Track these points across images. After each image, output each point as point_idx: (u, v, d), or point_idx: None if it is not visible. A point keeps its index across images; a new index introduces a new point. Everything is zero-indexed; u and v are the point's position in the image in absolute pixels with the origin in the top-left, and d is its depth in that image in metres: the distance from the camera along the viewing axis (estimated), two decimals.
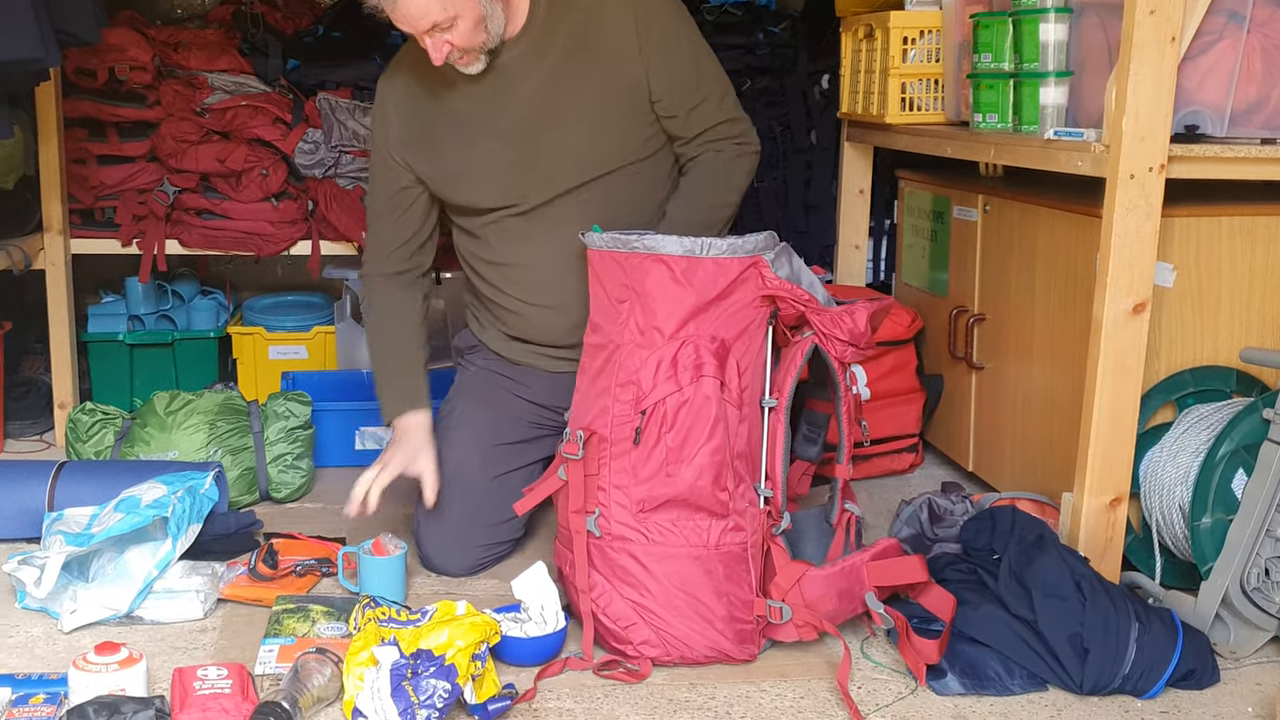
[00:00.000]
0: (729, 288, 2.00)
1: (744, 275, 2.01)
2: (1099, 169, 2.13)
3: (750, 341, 2.05)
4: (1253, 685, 2.03)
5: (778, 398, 2.06)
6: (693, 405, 1.98)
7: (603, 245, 2.07)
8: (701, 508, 2.01)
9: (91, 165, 3.23)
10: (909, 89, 2.90)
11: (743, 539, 2.03)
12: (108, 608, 2.14)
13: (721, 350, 2.00)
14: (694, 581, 2.02)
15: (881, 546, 2.10)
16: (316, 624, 2.09)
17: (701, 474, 1.99)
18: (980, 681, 1.97)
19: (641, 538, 2.02)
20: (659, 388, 1.98)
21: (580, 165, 2.30)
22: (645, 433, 1.99)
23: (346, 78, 3.38)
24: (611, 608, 2.04)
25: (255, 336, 3.45)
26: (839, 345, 2.08)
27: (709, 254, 1.99)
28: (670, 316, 2.00)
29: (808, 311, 2.05)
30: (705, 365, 1.98)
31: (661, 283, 2.00)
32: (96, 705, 1.71)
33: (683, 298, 2.00)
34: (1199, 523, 2.15)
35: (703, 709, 1.92)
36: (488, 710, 1.83)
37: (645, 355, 2.01)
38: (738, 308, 2.02)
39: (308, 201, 3.26)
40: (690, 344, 1.99)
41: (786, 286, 2.02)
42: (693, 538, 2.02)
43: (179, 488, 2.33)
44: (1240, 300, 2.31)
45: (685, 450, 1.99)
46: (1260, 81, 2.15)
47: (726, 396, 2.00)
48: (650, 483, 2.00)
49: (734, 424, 2.02)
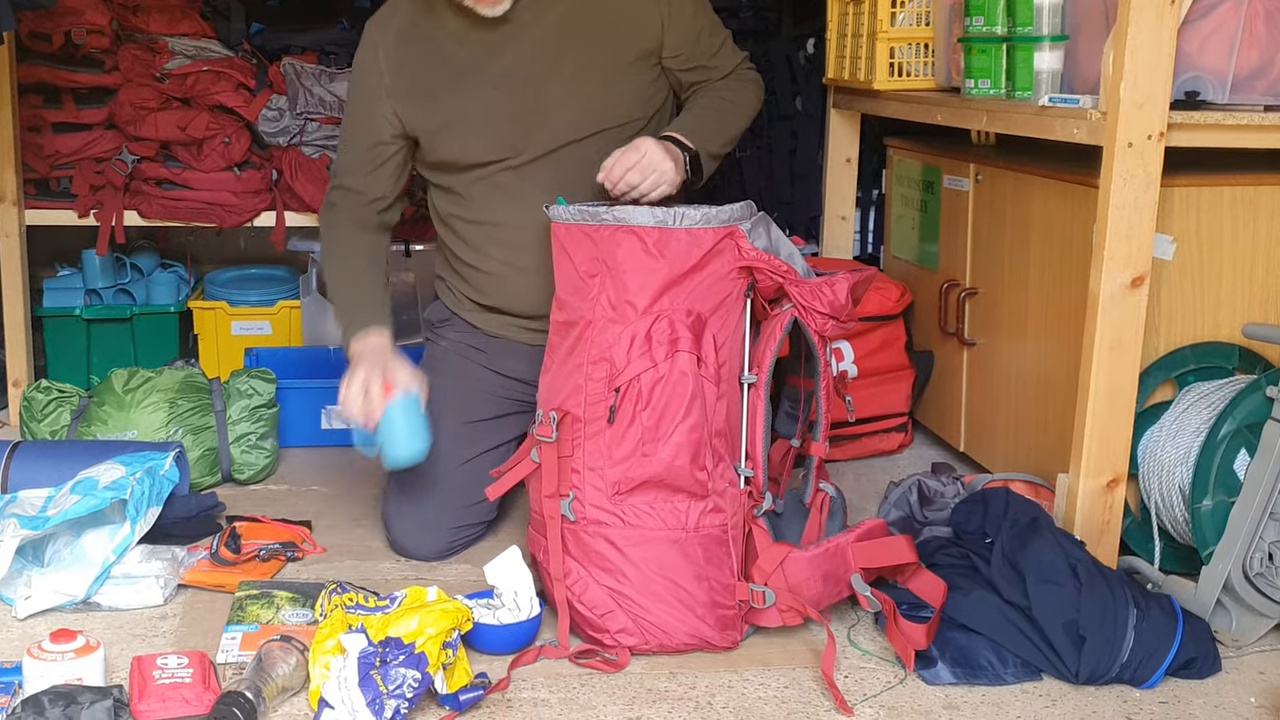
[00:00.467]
0: (704, 259, 1.98)
1: (719, 246, 1.98)
2: (1095, 137, 2.12)
3: (727, 315, 2.02)
4: (1255, 674, 2.02)
5: (757, 373, 2.05)
6: (668, 382, 1.95)
7: (569, 218, 2.04)
8: (680, 488, 1.98)
9: (46, 133, 3.21)
10: (898, 53, 2.89)
11: (723, 521, 2.01)
12: (64, 594, 2.12)
13: (697, 324, 1.98)
14: (673, 566, 1.99)
15: (867, 527, 2.08)
16: (281, 610, 2.08)
17: (679, 453, 1.96)
18: (972, 670, 1.96)
19: (618, 521, 1.99)
20: (633, 364, 1.96)
21: (580, 120, 2.29)
22: (620, 411, 1.96)
23: (312, 42, 3.38)
24: (587, 595, 2.01)
25: (217, 311, 3.42)
26: (819, 318, 2.06)
27: (682, 224, 1.97)
28: (643, 290, 1.97)
29: (786, 283, 2.03)
30: (681, 340, 1.96)
31: (633, 255, 1.97)
32: (52, 695, 1.70)
33: (656, 270, 1.97)
34: (1200, 505, 2.14)
35: (683, 699, 1.90)
36: (459, 700, 1.82)
37: (618, 331, 1.98)
38: (713, 280, 2.00)
39: (272, 171, 3.25)
40: (665, 318, 1.96)
41: (764, 257, 2.00)
42: (671, 520, 1.99)
43: (138, 469, 2.30)
44: (1242, 273, 2.30)
45: (662, 428, 1.96)
46: (1264, 46, 2.13)
47: (703, 372, 1.98)
48: (626, 463, 1.97)
49: (711, 401, 1.99)
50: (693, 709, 1.87)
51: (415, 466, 2.32)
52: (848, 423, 2.90)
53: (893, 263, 3.28)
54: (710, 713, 1.86)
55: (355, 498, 2.69)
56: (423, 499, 2.36)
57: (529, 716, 1.84)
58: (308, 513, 2.59)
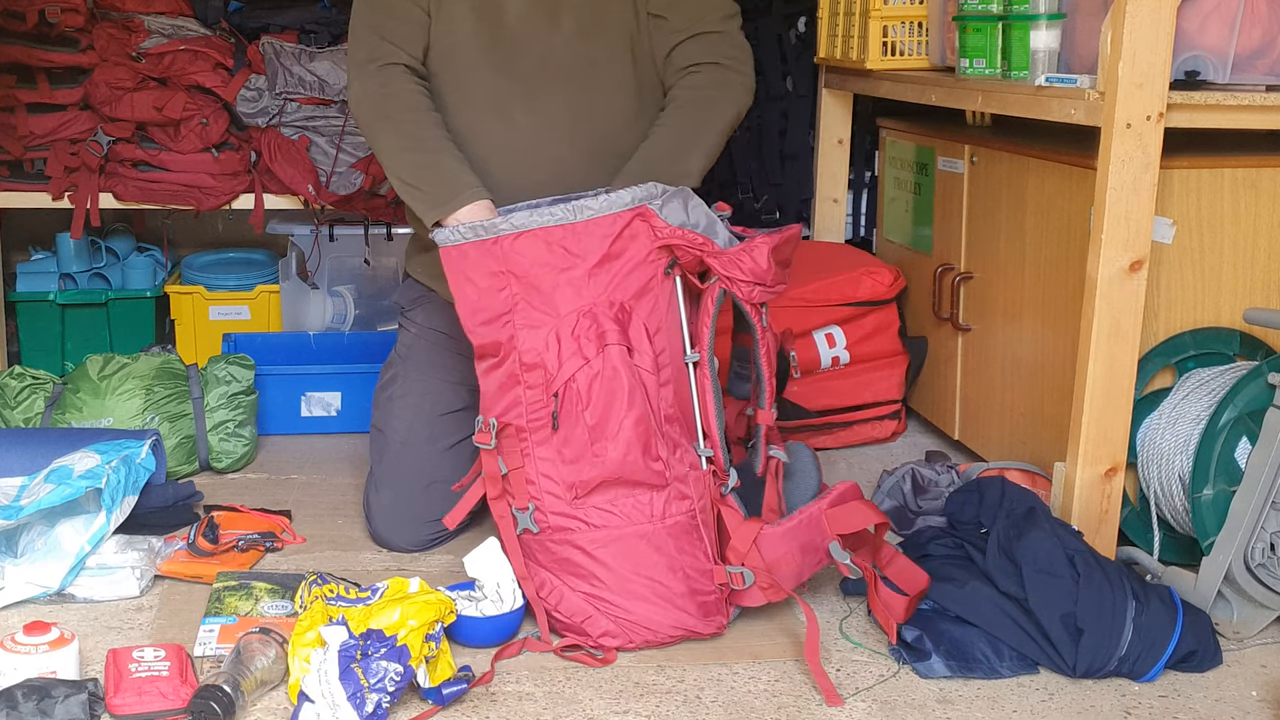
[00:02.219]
0: (615, 247, 1.95)
1: (630, 230, 1.96)
2: (1093, 118, 2.11)
3: (655, 299, 1.99)
4: (1257, 667, 2.01)
5: (700, 351, 2.02)
6: (604, 377, 1.93)
7: (463, 237, 1.96)
8: (638, 482, 1.97)
9: (20, 114, 3.19)
10: (891, 32, 2.89)
11: (690, 506, 2.00)
12: (37, 585, 2.11)
13: (622, 315, 1.96)
14: (646, 561, 1.98)
15: (839, 491, 2.05)
16: (260, 602, 2.07)
17: (630, 448, 1.94)
18: (967, 663, 1.96)
19: (583, 525, 1.98)
20: (565, 365, 1.94)
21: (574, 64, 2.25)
22: (562, 415, 1.94)
23: (291, 20, 3.35)
24: (564, 604, 2.00)
25: (195, 296, 3.40)
26: (744, 286, 2.01)
27: (582, 217, 1.94)
28: (558, 290, 1.95)
29: (705, 256, 1.99)
30: (608, 333, 1.94)
31: (540, 258, 1.95)
32: (25, 689, 1.69)
33: (567, 267, 1.95)
34: (1200, 494, 2.12)
35: (671, 693, 1.89)
36: (442, 694, 1.81)
37: (543, 334, 1.95)
38: (631, 266, 1.97)
39: (250, 152, 3.24)
40: (586, 315, 1.94)
41: (678, 233, 1.96)
42: (635, 515, 1.97)
43: (113, 457, 2.30)
44: (1244, 257, 2.29)
45: (608, 426, 1.94)
46: (1265, 25, 2.13)
47: (639, 362, 1.96)
48: (577, 465, 1.96)
49: (653, 389, 1.97)
50: (681, 703, 1.85)
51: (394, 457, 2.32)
52: (839, 410, 2.92)
53: (886, 246, 3.27)
54: (699, 706, 1.84)
55: (335, 487, 2.68)
56: (402, 489, 2.35)
57: (513, 711, 1.82)
58: (287, 502, 2.58)
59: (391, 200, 3.16)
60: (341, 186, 3.20)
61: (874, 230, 3.45)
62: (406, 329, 2.49)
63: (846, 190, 3.44)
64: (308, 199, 3.17)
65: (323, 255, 3.39)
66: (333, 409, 2.99)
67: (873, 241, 3.48)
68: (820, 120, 3.39)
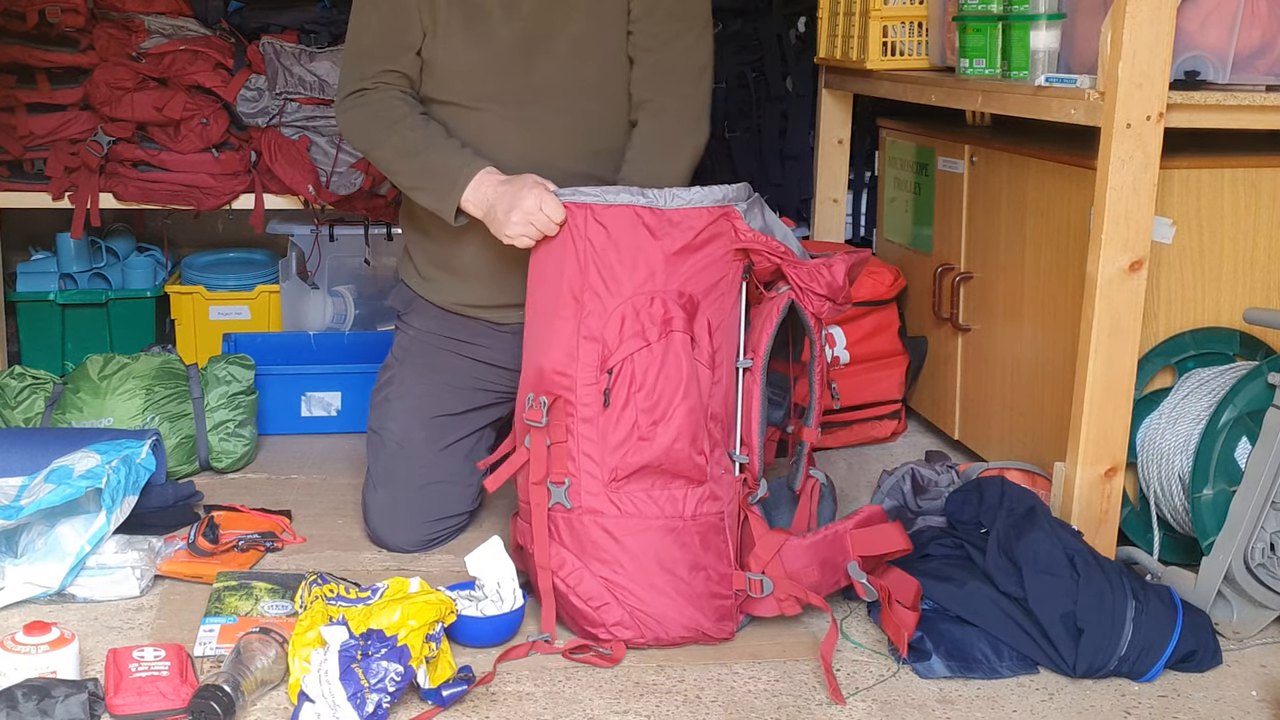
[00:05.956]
0: (697, 241, 1.97)
1: (714, 227, 1.97)
2: (1093, 118, 2.10)
3: (722, 299, 2.01)
4: (1257, 667, 2.01)
5: (753, 358, 2.03)
6: (663, 362, 1.94)
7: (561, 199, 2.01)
8: (679, 474, 1.96)
9: (20, 114, 3.18)
10: (891, 32, 2.88)
11: (720, 508, 2.00)
12: (37, 585, 2.11)
13: (690, 305, 1.96)
14: (670, 556, 1.98)
15: (865, 514, 2.07)
16: (260, 602, 2.06)
17: (679, 435, 1.94)
18: (967, 663, 1.95)
19: (615, 510, 1.97)
20: (625, 344, 1.94)
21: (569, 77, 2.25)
22: (614, 393, 1.94)
23: (291, 21, 3.35)
24: (582, 586, 1.98)
25: (195, 296, 3.40)
26: (816, 300, 2.05)
27: (672, 204, 1.96)
28: (633, 270, 1.96)
29: (784, 265, 2.01)
30: (674, 320, 1.94)
31: (622, 235, 1.96)
32: (25, 689, 1.68)
33: (646, 250, 1.95)
34: (1200, 494, 2.12)
35: (671, 693, 1.88)
36: (442, 695, 1.80)
37: (609, 310, 1.95)
38: (708, 262, 1.98)
39: (250, 152, 3.24)
40: (657, 299, 1.95)
41: (760, 238, 1.99)
42: (668, 508, 1.97)
43: (114, 457, 2.29)
44: (1244, 257, 2.29)
45: (659, 410, 1.95)
46: (1265, 25, 2.13)
47: (698, 355, 1.96)
48: (623, 449, 1.96)
49: (706, 384, 1.98)
50: (681, 702, 1.85)
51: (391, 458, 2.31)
52: (839, 409, 2.89)
53: (885, 246, 3.27)
54: (699, 706, 1.84)
55: (335, 487, 2.67)
56: (401, 491, 2.34)
57: (514, 710, 1.81)
58: (287, 502, 2.57)
59: (391, 200, 3.14)
60: (342, 186, 3.20)
61: (874, 230, 3.45)
62: (404, 331, 2.49)
63: (846, 190, 3.44)
64: (308, 199, 3.17)
65: (323, 255, 3.39)
66: (333, 409, 2.99)
67: (873, 241, 3.47)
68: (820, 120, 3.39)
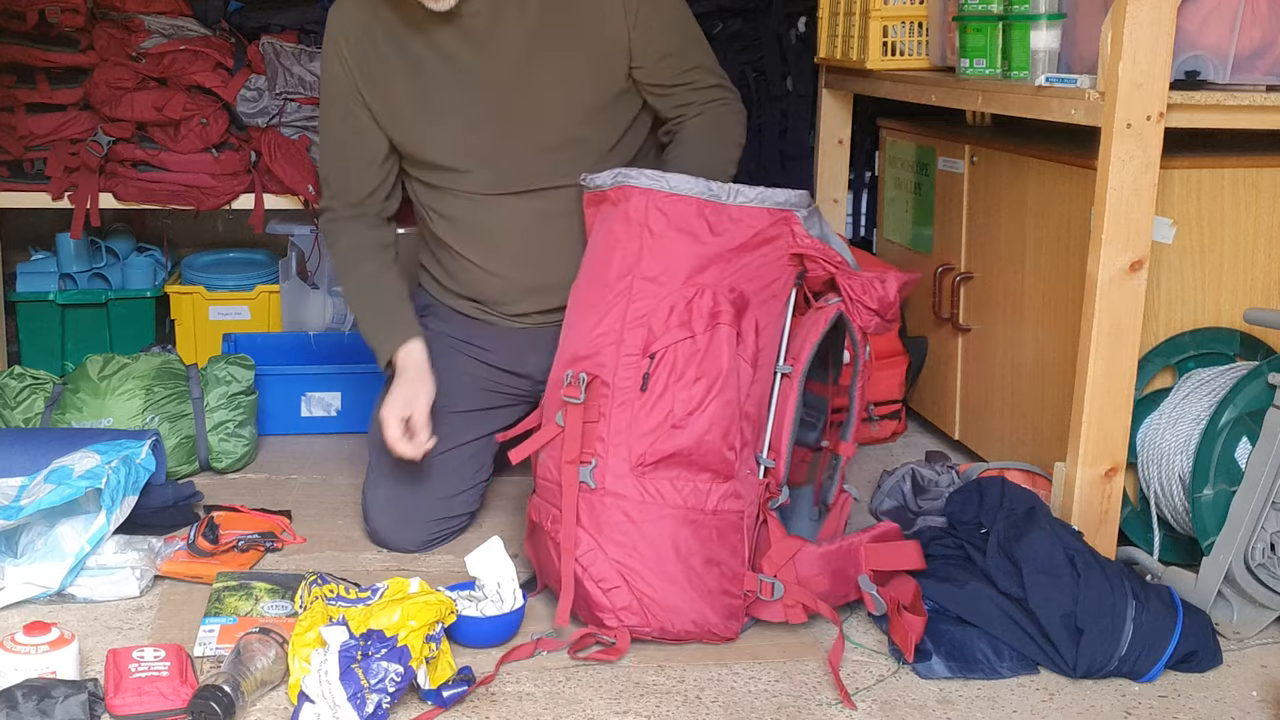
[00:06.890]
0: (754, 240, 1.98)
1: (773, 229, 1.99)
2: (1093, 118, 2.10)
3: (773, 301, 2.02)
4: (1257, 668, 2.01)
5: (793, 364, 2.02)
6: (705, 353, 1.94)
7: (610, 182, 2.04)
8: (706, 466, 1.96)
9: (20, 114, 3.18)
10: (891, 32, 2.88)
11: (740, 507, 1.99)
12: (37, 585, 2.10)
13: (740, 302, 1.97)
14: (686, 546, 1.97)
15: (882, 529, 2.08)
16: (260, 602, 2.06)
17: (712, 426, 1.94)
18: (967, 664, 1.95)
19: (638, 494, 1.96)
20: (670, 332, 1.94)
21: (550, 134, 2.26)
22: (653, 379, 1.94)
23: (291, 20, 3.36)
24: (595, 567, 1.97)
25: (195, 296, 3.40)
26: (865, 314, 2.05)
27: (735, 200, 1.97)
28: (686, 261, 1.97)
29: (838, 275, 2.02)
30: (722, 314, 1.94)
31: (679, 224, 1.97)
32: (25, 689, 1.68)
33: (703, 242, 1.97)
34: (1200, 494, 2.12)
35: (671, 693, 1.88)
36: (443, 696, 1.80)
37: (658, 298, 1.96)
38: (762, 263, 1.99)
39: (250, 152, 3.23)
40: (708, 291, 1.95)
41: (818, 246, 2.00)
42: (691, 500, 1.96)
43: (113, 457, 2.29)
44: (1244, 257, 2.29)
45: (695, 400, 1.94)
46: (1266, 25, 2.12)
47: (741, 352, 1.96)
48: (653, 435, 1.95)
49: (745, 382, 1.98)
50: (681, 703, 1.85)
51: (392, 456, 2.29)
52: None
53: (886, 246, 3.27)
54: (699, 706, 1.84)
55: (335, 487, 2.67)
56: (402, 490, 2.34)
57: (514, 711, 1.81)
58: (287, 502, 2.57)
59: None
60: None
61: (874, 230, 3.44)
62: None
63: (847, 190, 3.44)
64: (308, 199, 3.15)
65: (323, 255, 3.40)
66: (333, 409, 2.99)
67: (873, 241, 3.47)
68: (820, 120, 3.39)
